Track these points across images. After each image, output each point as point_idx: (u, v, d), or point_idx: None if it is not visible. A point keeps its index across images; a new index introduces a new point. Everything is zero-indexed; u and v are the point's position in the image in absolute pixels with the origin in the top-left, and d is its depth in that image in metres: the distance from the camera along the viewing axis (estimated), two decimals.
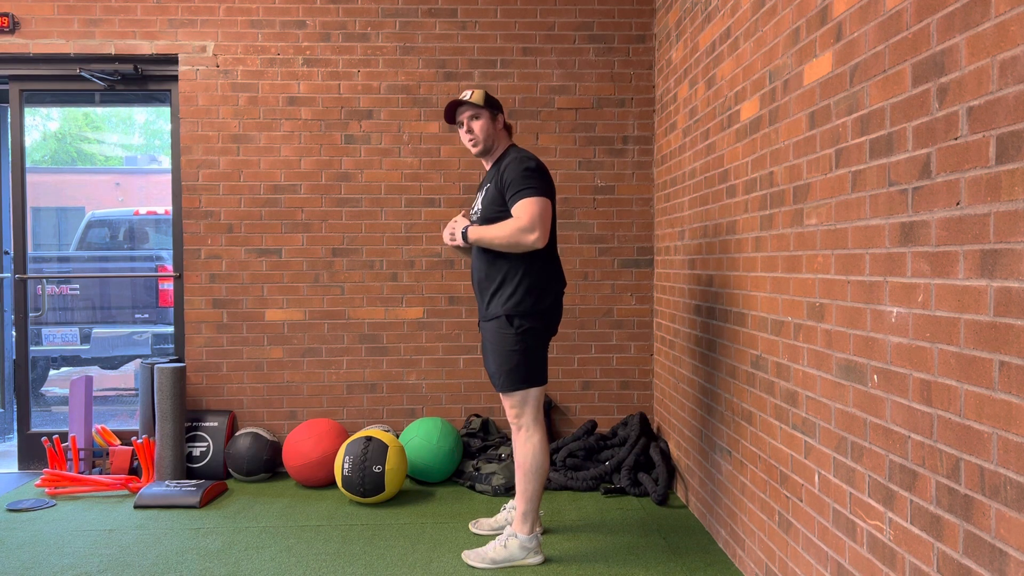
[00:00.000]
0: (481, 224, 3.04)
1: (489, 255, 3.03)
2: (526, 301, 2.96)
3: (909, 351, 1.81)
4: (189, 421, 4.31)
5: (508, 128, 3.17)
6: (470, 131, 3.08)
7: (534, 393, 3.03)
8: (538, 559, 3.05)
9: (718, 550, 3.21)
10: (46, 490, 3.99)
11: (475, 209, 3.13)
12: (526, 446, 3.03)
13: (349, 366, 4.44)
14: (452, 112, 3.11)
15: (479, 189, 3.18)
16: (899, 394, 1.85)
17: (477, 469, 4.05)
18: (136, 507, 3.75)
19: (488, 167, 3.15)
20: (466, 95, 3.08)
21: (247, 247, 4.41)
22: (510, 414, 3.07)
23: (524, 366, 2.99)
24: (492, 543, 3.07)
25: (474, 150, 3.11)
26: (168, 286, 7.36)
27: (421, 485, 4.13)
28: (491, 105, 3.08)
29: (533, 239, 2.88)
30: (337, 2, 4.40)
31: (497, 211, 2.99)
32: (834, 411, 2.19)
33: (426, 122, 4.42)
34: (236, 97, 4.39)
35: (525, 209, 2.88)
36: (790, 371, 2.48)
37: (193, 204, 4.40)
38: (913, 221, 1.79)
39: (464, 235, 3.02)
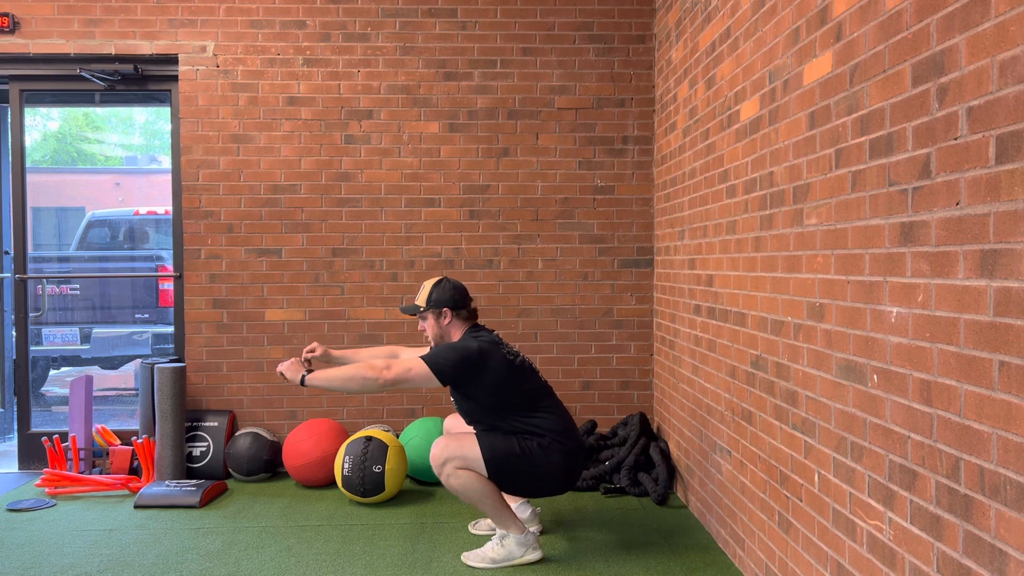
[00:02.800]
0: (460, 412, 3.13)
1: (483, 421, 3.05)
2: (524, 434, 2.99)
3: (909, 351, 1.81)
4: (189, 421, 4.31)
5: (472, 314, 3.18)
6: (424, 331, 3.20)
7: (479, 470, 2.92)
8: (536, 555, 3.05)
9: (718, 550, 3.21)
10: (46, 490, 3.99)
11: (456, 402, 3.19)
12: (451, 488, 2.96)
13: None
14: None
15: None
16: (899, 394, 1.85)
17: None
18: (136, 507, 3.75)
19: None
20: (420, 292, 3.17)
21: (247, 247, 4.41)
22: (447, 449, 2.92)
23: (513, 459, 2.93)
24: (490, 543, 3.07)
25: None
26: (168, 286, 7.36)
27: (421, 485, 4.13)
28: (433, 303, 3.11)
29: (375, 375, 2.88)
30: (337, 2, 4.40)
31: (457, 396, 3.07)
32: (834, 411, 2.19)
33: (426, 122, 4.42)
34: (236, 97, 4.39)
35: (409, 361, 2.93)
36: (790, 371, 2.48)
37: (193, 204, 4.40)
38: (913, 221, 1.79)
39: (302, 380, 3.01)
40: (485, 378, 2.98)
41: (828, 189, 2.22)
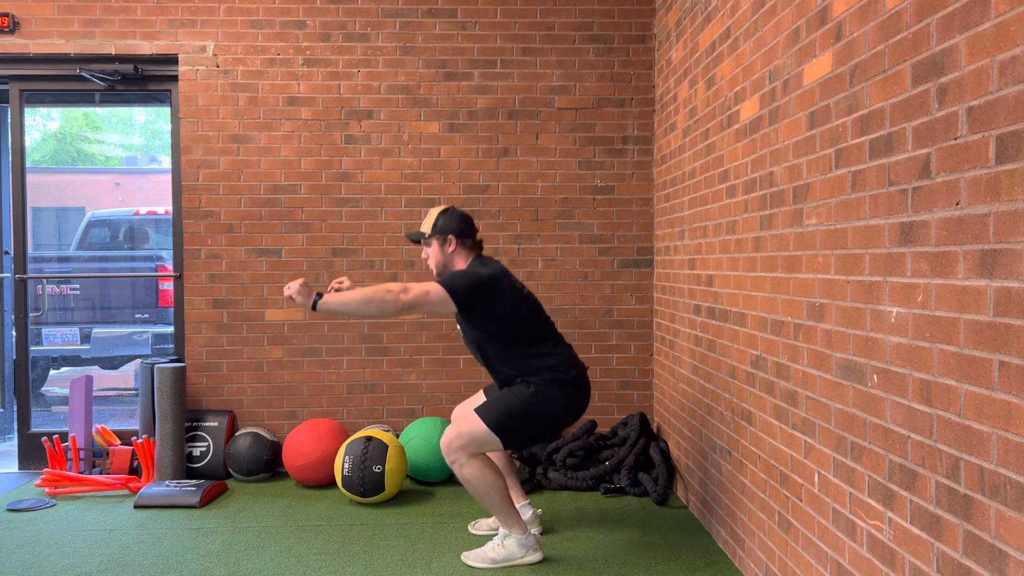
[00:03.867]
0: (468, 341, 3.11)
1: (488, 352, 3.05)
2: (536, 373, 2.99)
3: (909, 351, 1.81)
4: (189, 421, 4.31)
5: (477, 245, 3.13)
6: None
7: (490, 441, 2.92)
8: (537, 556, 3.05)
9: (718, 550, 3.21)
10: (46, 490, 3.99)
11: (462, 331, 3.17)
12: (460, 477, 2.96)
13: (349, 366, 4.44)
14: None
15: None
16: (899, 394, 1.85)
17: None
18: (136, 507, 3.75)
19: None
20: (426, 219, 3.12)
21: (247, 247, 4.41)
22: (451, 434, 2.93)
23: (513, 417, 2.94)
24: (490, 543, 3.07)
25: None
26: (168, 286, 7.36)
27: (421, 485, 4.13)
28: (438, 231, 3.08)
29: (393, 298, 2.77)
30: (337, 2, 4.40)
31: (467, 323, 3.03)
32: (834, 411, 2.19)
33: (426, 122, 4.42)
34: (236, 97, 4.39)
35: (422, 284, 2.85)
36: (790, 371, 2.48)
37: (193, 204, 4.40)
38: (913, 221, 1.79)
39: (314, 304, 2.80)
40: (495, 304, 2.95)
41: (828, 189, 2.22)
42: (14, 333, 4.79)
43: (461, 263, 3.11)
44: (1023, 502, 1.43)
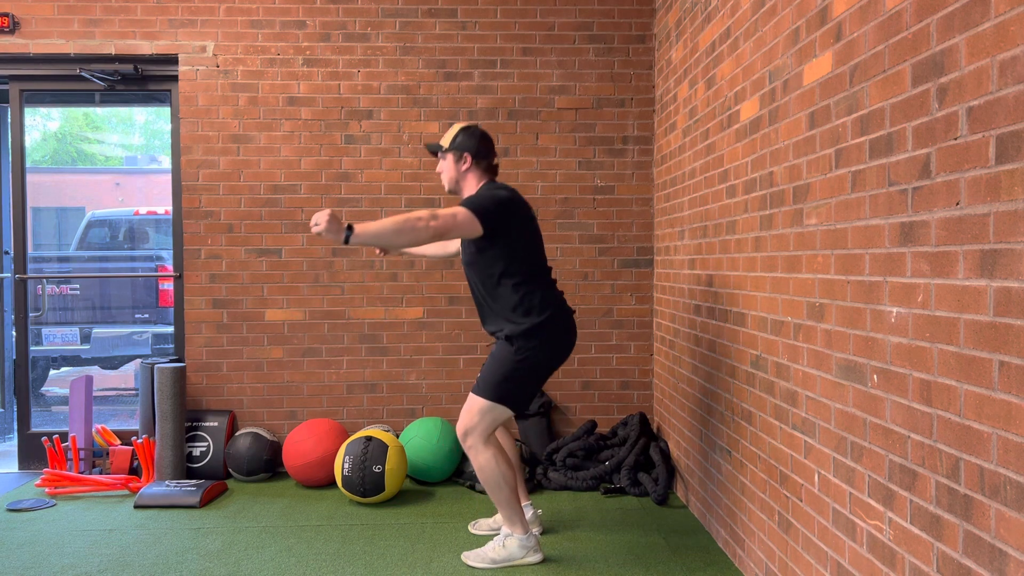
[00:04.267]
0: (468, 267, 3.05)
1: (486, 283, 3.01)
2: (521, 322, 2.95)
3: (909, 351, 1.81)
4: (189, 421, 4.31)
5: (492, 168, 3.10)
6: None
7: (498, 412, 2.95)
8: (537, 557, 3.05)
9: (718, 550, 3.21)
10: (46, 490, 3.99)
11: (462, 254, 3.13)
12: (475, 464, 2.97)
13: (349, 366, 4.45)
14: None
15: None
16: (899, 394, 1.85)
17: None
18: (136, 507, 3.75)
19: None
20: (447, 133, 3.08)
21: (247, 247, 4.41)
22: (463, 421, 2.97)
23: (507, 383, 2.94)
24: (491, 543, 3.07)
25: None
26: (168, 286, 7.36)
27: (421, 485, 4.13)
28: (457, 147, 3.05)
29: (424, 225, 2.69)
30: (337, 2, 4.40)
31: (475, 251, 2.98)
32: (834, 411, 2.19)
33: (426, 122, 4.42)
34: (236, 97, 4.39)
35: (447, 208, 2.80)
36: (790, 371, 2.48)
37: (193, 204, 4.40)
38: (913, 221, 1.79)
39: (346, 238, 2.68)
40: (514, 226, 2.92)
41: (828, 189, 2.22)
42: (14, 333, 4.79)
43: (473, 184, 3.06)
44: (1023, 502, 1.43)
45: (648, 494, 3.85)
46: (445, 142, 3.07)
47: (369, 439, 3.74)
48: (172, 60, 4.43)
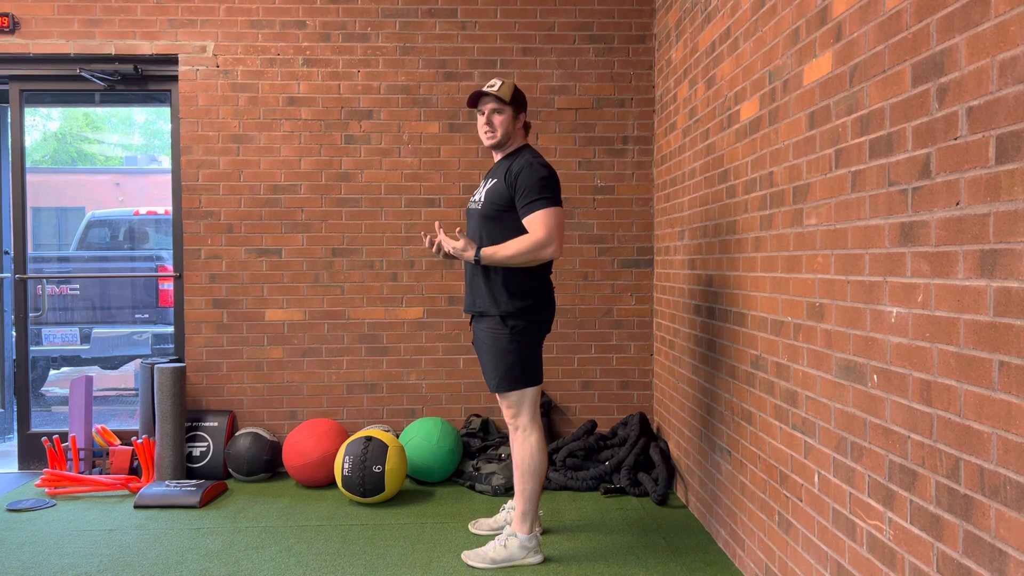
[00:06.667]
0: (482, 218, 3.04)
1: (496, 241, 3.01)
2: (517, 301, 2.97)
3: (909, 351, 1.81)
4: (189, 421, 4.31)
5: (527, 127, 3.17)
6: (489, 123, 3.05)
7: (530, 393, 3.03)
8: (538, 558, 3.05)
9: (718, 550, 3.21)
10: (46, 490, 3.99)
11: (477, 198, 3.11)
12: (523, 446, 3.03)
13: (349, 366, 4.45)
14: (476, 98, 3.08)
15: (484, 178, 3.16)
16: (899, 394, 1.85)
17: (477, 469, 4.05)
18: (136, 507, 3.75)
19: (497, 159, 3.14)
20: (494, 85, 3.04)
21: (247, 247, 4.41)
22: (507, 414, 3.07)
23: (520, 366, 2.99)
24: (492, 543, 3.07)
25: (488, 142, 3.09)
26: (168, 286, 7.36)
27: (421, 485, 4.13)
28: (516, 103, 3.06)
29: (550, 252, 2.91)
30: (337, 2, 4.40)
31: (498, 209, 2.98)
32: (834, 411, 2.19)
33: (426, 122, 4.42)
34: (236, 97, 4.39)
35: (541, 222, 2.89)
36: (790, 371, 2.48)
37: (193, 204, 4.40)
38: (913, 221, 1.79)
39: (477, 258, 2.97)
40: None
41: (828, 189, 2.22)
42: (14, 333, 4.79)
43: (519, 141, 3.12)
44: (1023, 502, 1.43)
45: (648, 494, 3.85)
46: (507, 94, 3.03)
47: (369, 439, 3.74)
48: (172, 60, 4.43)
